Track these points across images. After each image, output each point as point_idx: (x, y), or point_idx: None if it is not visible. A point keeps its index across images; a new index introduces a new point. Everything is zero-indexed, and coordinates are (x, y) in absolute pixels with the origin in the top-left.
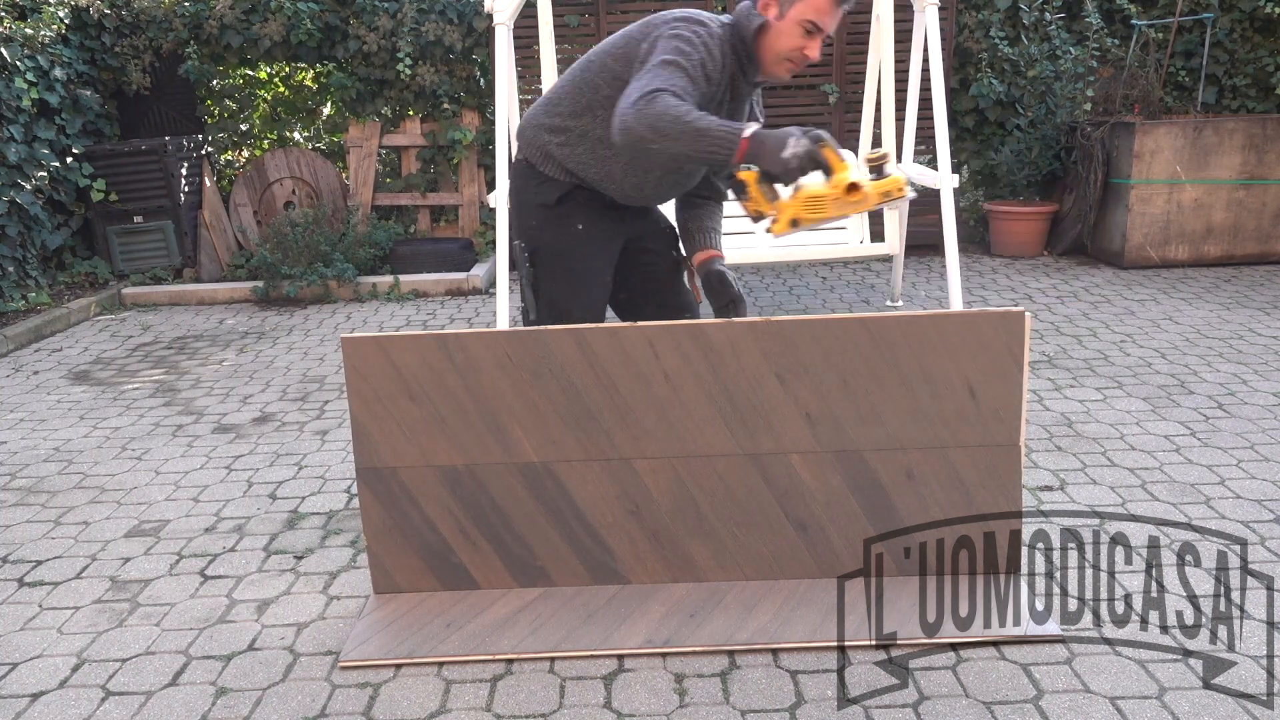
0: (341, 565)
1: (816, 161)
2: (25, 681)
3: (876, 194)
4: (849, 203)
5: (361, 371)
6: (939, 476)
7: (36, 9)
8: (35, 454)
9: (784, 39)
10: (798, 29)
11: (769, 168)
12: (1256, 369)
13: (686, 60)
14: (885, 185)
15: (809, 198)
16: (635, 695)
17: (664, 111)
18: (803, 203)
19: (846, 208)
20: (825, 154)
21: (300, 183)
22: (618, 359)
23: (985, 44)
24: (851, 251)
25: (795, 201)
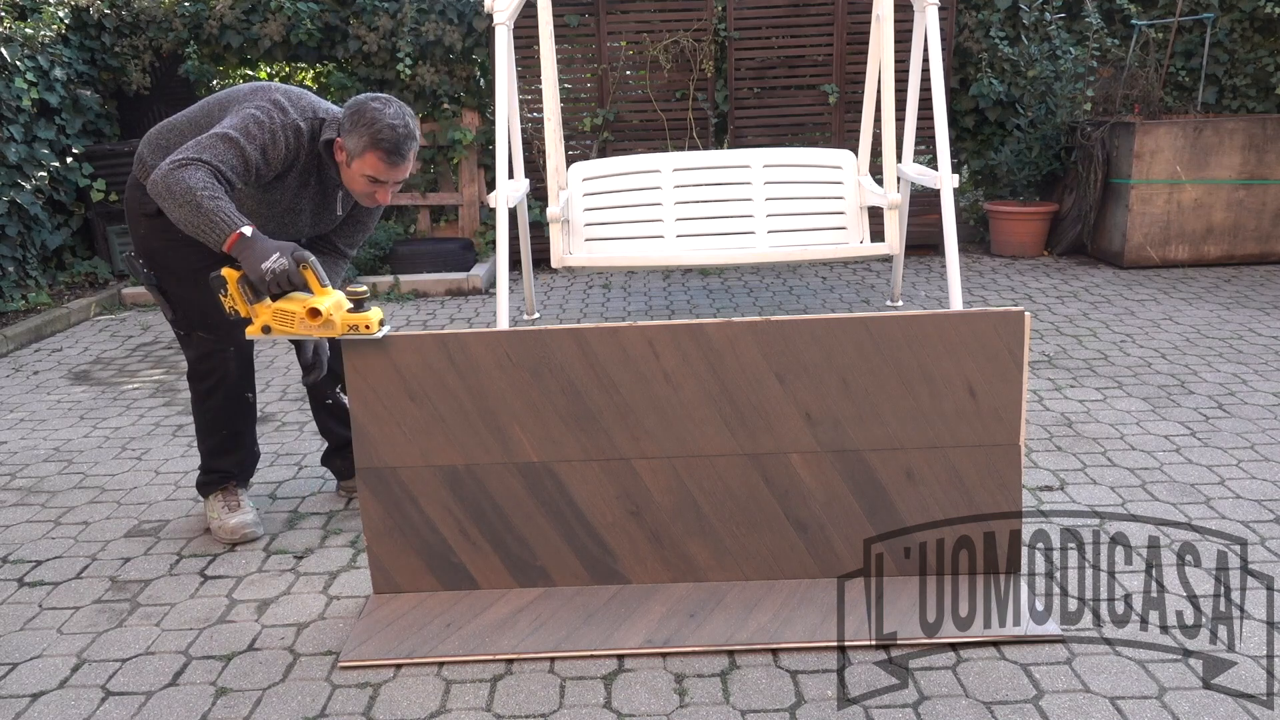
0: (341, 565)
1: (293, 281)
2: (25, 681)
3: (343, 324)
4: (313, 325)
5: (361, 371)
6: (939, 476)
7: (36, 9)
8: (35, 454)
9: (354, 183)
10: (362, 179)
11: (248, 272)
12: (1256, 369)
13: (248, 141)
14: (355, 319)
15: (280, 310)
16: (635, 695)
17: (185, 179)
18: (274, 313)
19: (312, 330)
20: (305, 275)
21: None
22: (618, 359)
23: (985, 44)
24: (851, 251)
25: (269, 310)
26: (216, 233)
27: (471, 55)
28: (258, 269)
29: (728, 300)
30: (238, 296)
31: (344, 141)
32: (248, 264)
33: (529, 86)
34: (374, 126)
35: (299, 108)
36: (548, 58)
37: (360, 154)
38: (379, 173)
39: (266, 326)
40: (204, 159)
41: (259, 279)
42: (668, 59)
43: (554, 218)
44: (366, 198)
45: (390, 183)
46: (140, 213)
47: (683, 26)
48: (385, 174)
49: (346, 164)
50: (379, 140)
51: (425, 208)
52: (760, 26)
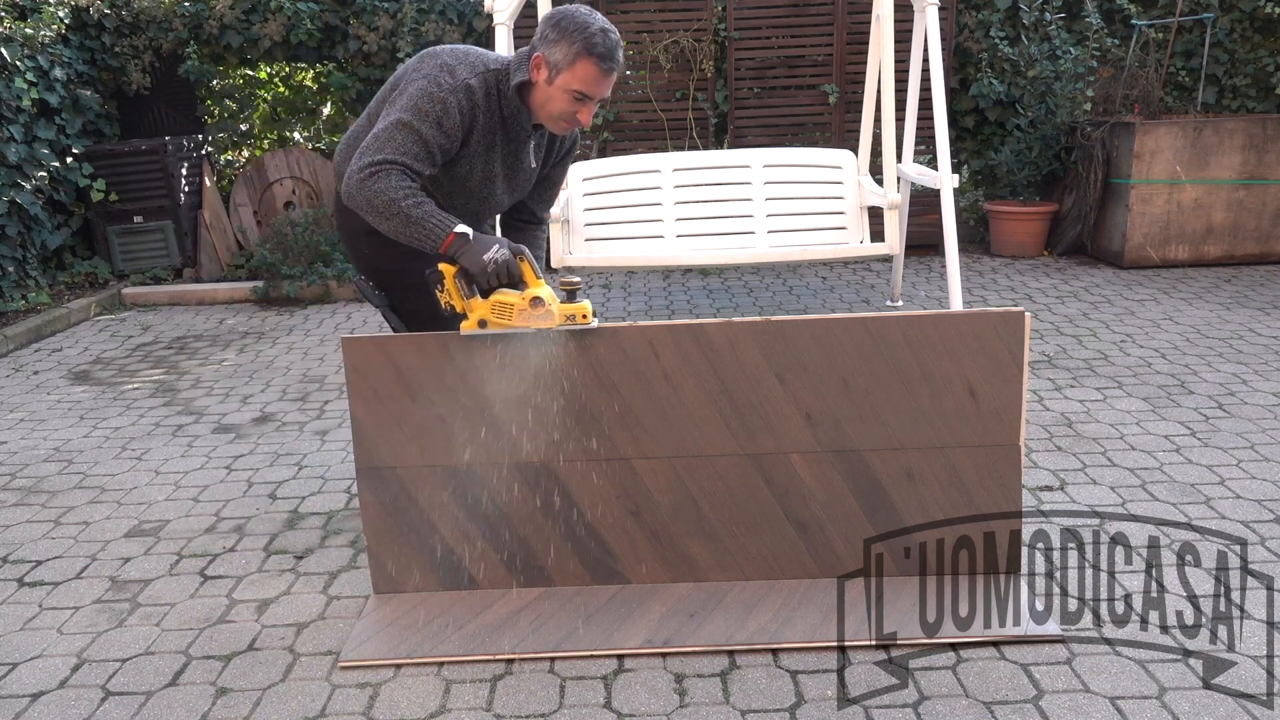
0: (341, 565)
1: (512, 273)
2: (25, 681)
3: (561, 315)
4: (533, 315)
5: (361, 371)
6: (939, 476)
7: (36, 9)
8: (35, 454)
9: (554, 104)
10: (566, 96)
11: (468, 266)
12: (1256, 369)
13: (421, 120)
14: (571, 309)
15: (498, 303)
16: (635, 695)
17: (382, 190)
18: (492, 306)
19: (531, 320)
20: (522, 267)
21: (300, 183)
22: (618, 359)
23: (985, 44)
24: (851, 251)
25: (486, 304)
26: (431, 238)
27: None
28: (479, 261)
29: (728, 300)
30: (454, 292)
31: (546, 54)
32: (468, 258)
33: None
34: (586, 32)
35: (467, 65)
36: None
37: (569, 64)
38: (588, 85)
39: (483, 320)
40: (388, 159)
41: (480, 270)
42: (668, 59)
43: (554, 218)
44: (565, 120)
45: (594, 100)
46: (361, 231)
47: (683, 26)
48: (595, 86)
49: (547, 82)
50: (592, 46)
51: None
52: (760, 26)
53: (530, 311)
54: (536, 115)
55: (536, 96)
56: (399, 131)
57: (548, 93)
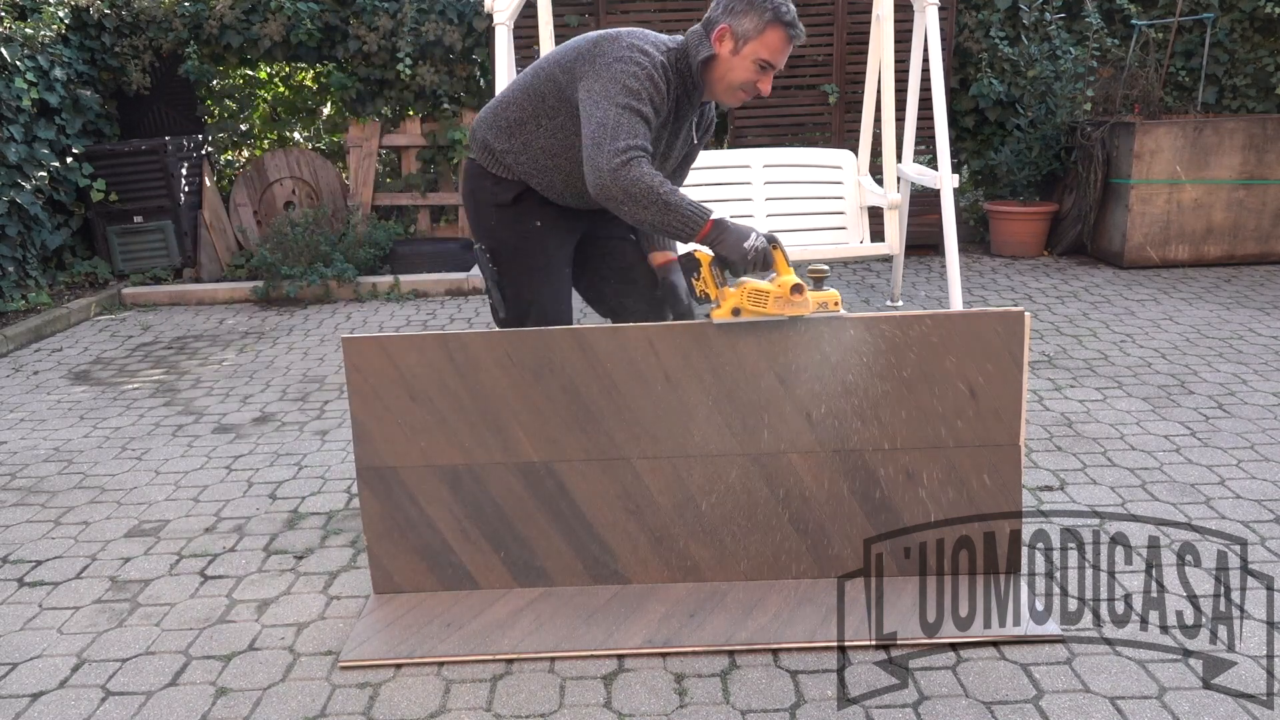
0: (341, 565)
1: (767, 261)
2: (25, 681)
3: (814, 302)
4: (789, 303)
5: (362, 371)
6: (939, 476)
7: (36, 9)
8: (35, 454)
9: (737, 72)
10: (752, 65)
11: (727, 254)
12: (1256, 369)
13: (640, 102)
14: (823, 296)
15: (754, 290)
16: (635, 695)
17: (638, 178)
18: (748, 294)
19: (785, 307)
20: (776, 255)
21: (300, 183)
22: (618, 359)
23: (985, 44)
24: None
25: (740, 291)
26: (689, 225)
27: (471, 55)
28: (740, 249)
29: None
30: (709, 280)
31: (733, 25)
32: (727, 246)
33: None
34: (772, 1)
35: (652, 44)
36: None
37: (758, 33)
38: (775, 53)
39: (737, 309)
40: (632, 146)
41: (740, 258)
42: None
43: None
44: (744, 90)
45: (774, 70)
46: (491, 203)
47: (683, 27)
48: (781, 54)
49: (732, 52)
50: (781, 14)
51: (425, 208)
52: None
53: (789, 299)
54: (713, 88)
55: (718, 69)
56: (625, 116)
57: (731, 63)
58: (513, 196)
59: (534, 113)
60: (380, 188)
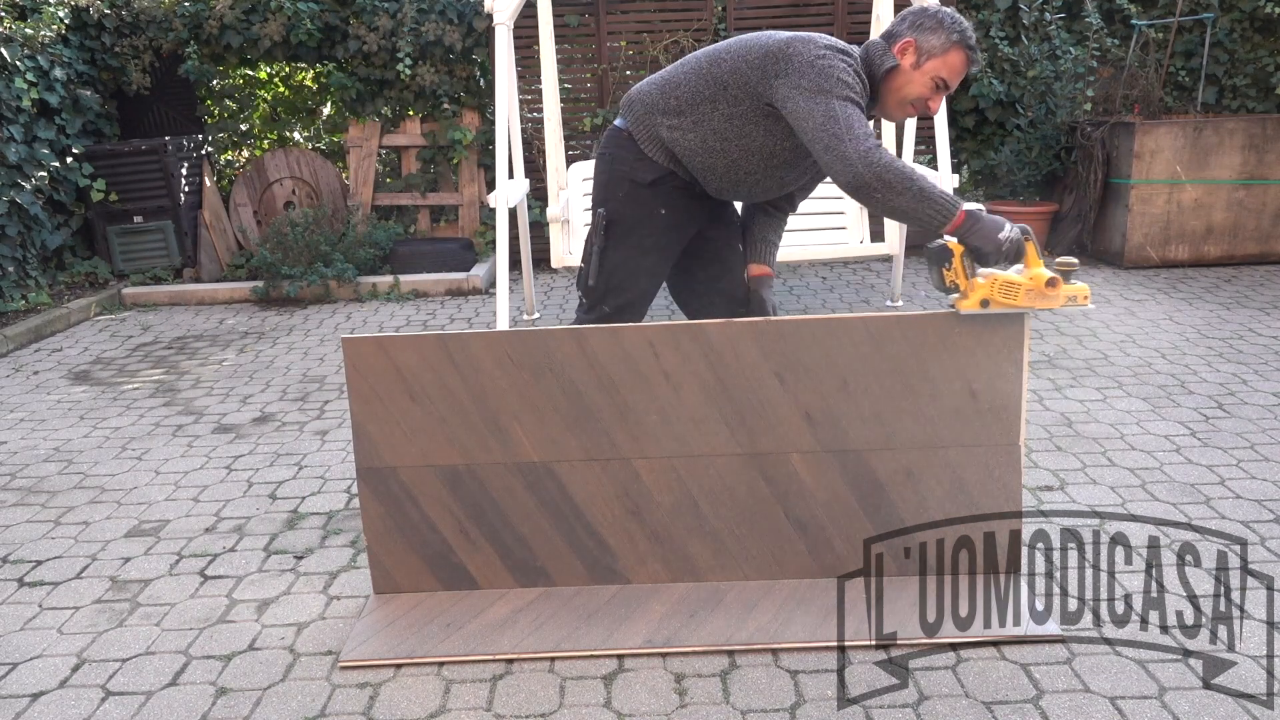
0: (341, 565)
1: (1020, 253)
2: (25, 681)
3: (1065, 296)
4: (1042, 295)
5: (361, 371)
6: (939, 476)
7: (36, 9)
8: (35, 454)
9: (913, 87)
10: (929, 82)
11: (981, 245)
12: (1256, 369)
13: (857, 96)
14: (1074, 290)
15: (1005, 283)
16: (635, 695)
17: (891, 165)
18: (999, 286)
19: (1036, 300)
20: (1028, 247)
21: (300, 183)
22: (618, 359)
23: (985, 44)
24: (851, 251)
25: (990, 283)
26: (942, 214)
27: (471, 55)
28: (995, 239)
29: None
30: (961, 270)
31: (918, 40)
32: (980, 236)
33: (529, 86)
34: (961, 25)
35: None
36: (548, 58)
37: (943, 52)
38: (954, 73)
39: (985, 300)
40: (871, 136)
41: (995, 249)
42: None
43: (554, 218)
44: (915, 105)
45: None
46: (627, 176)
47: (683, 26)
48: (958, 75)
49: (914, 66)
50: (967, 38)
51: (425, 208)
52: (760, 26)
53: (1042, 291)
54: (885, 100)
55: (897, 79)
56: (852, 109)
57: (910, 76)
58: (651, 178)
59: (712, 96)
60: (380, 188)
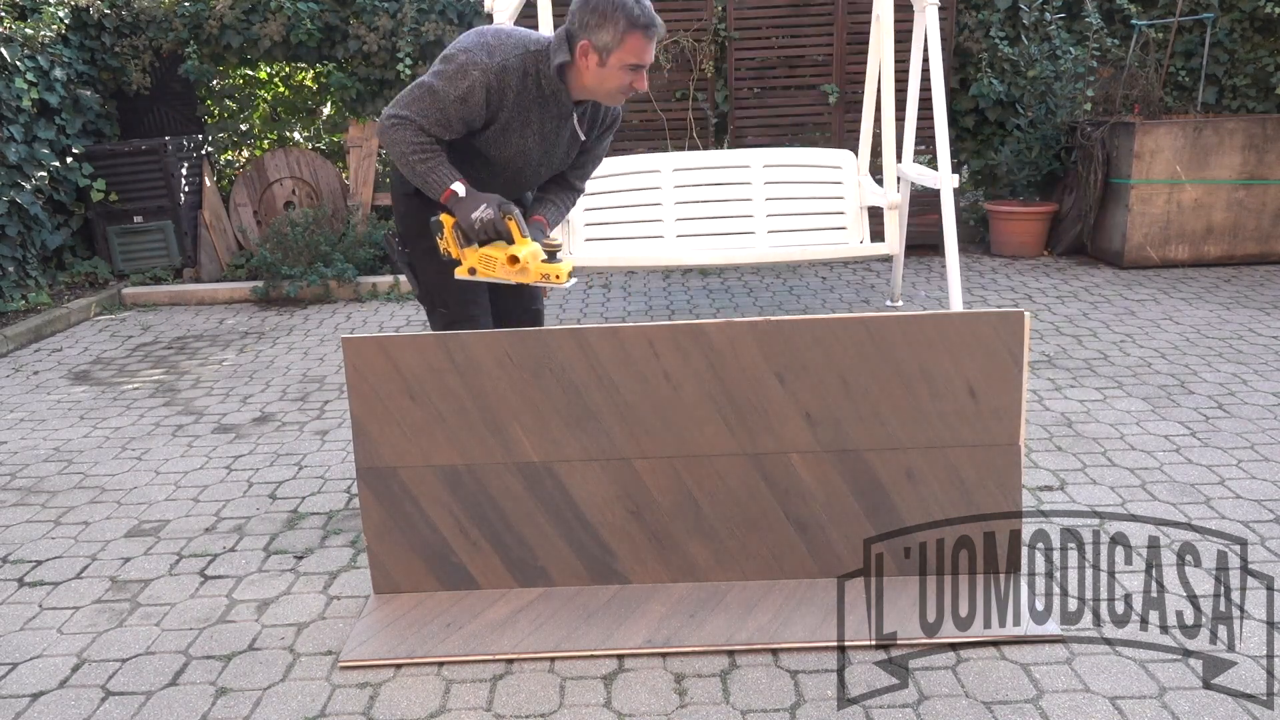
0: (341, 565)
1: (498, 230)
2: (25, 681)
3: (536, 273)
4: (511, 270)
5: (361, 371)
6: (939, 476)
7: (36, 9)
8: (35, 454)
9: (611, 81)
10: (622, 71)
11: (459, 220)
12: (1256, 369)
13: (448, 89)
14: (546, 269)
15: (485, 255)
16: (635, 695)
17: (397, 141)
18: (480, 257)
19: (509, 274)
20: (509, 226)
21: (300, 183)
22: (618, 359)
23: (985, 44)
24: (851, 251)
25: (475, 254)
26: (431, 192)
27: None
28: (468, 218)
29: (728, 300)
30: (451, 240)
31: (593, 40)
32: (459, 214)
33: None
34: (624, 8)
35: (509, 45)
36: None
37: (619, 43)
38: (640, 54)
39: (472, 269)
40: (406, 116)
41: (468, 227)
42: (668, 59)
43: None
44: (622, 94)
45: (646, 66)
46: (401, 192)
47: (683, 26)
48: (646, 54)
49: (600, 65)
50: (635, 19)
51: None
52: (760, 26)
53: (509, 267)
54: (593, 95)
55: (588, 80)
56: (425, 95)
57: (602, 74)
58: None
59: None
60: (380, 188)
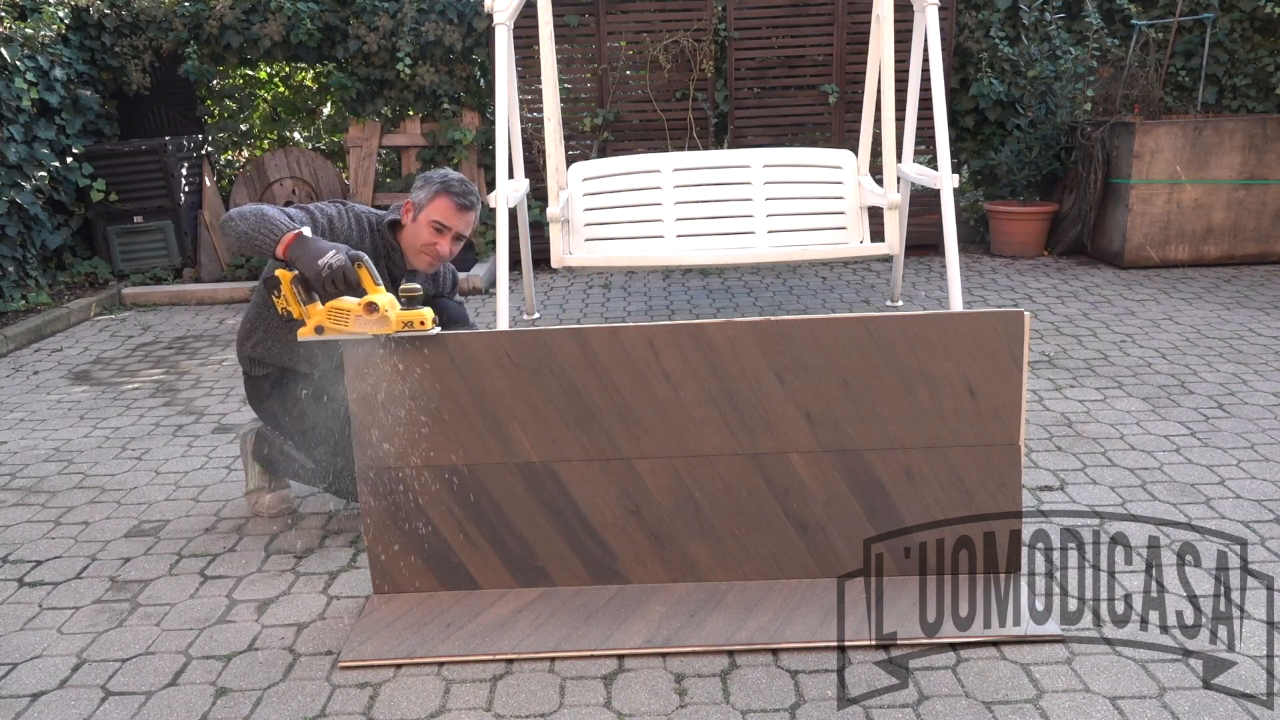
0: (341, 565)
1: (349, 279)
2: (25, 681)
3: (399, 321)
4: (368, 321)
5: (362, 371)
6: (939, 476)
7: (36, 9)
8: (35, 454)
9: (420, 236)
10: (428, 228)
11: (303, 270)
12: (1256, 369)
13: (318, 212)
14: (409, 315)
15: (334, 308)
16: (635, 695)
17: (253, 209)
18: (328, 312)
19: (367, 326)
20: (360, 273)
21: (300, 183)
22: (618, 359)
23: (985, 44)
24: (851, 251)
25: (324, 310)
26: (273, 236)
27: (471, 55)
28: (314, 265)
29: (728, 300)
30: (290, 297)
31: (414, 198)
32: (304, 262)
33: (529, 86)
34: (444, 178)
35: (352, 212)
36: (548, 58)
37: (429, 201)
38: (446, 215)
39: (320, 327)
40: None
41: (315, 275)
42: (668, 59)
43: (554, 218)
44: (427, 253)
45: (453, 232)
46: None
47: (683, 26)
48: (451, 217)
49: (413, 219)
50: (448, 185)
51: None
52: (760, 26)
53: (365, 317)
54: (407, 252)
55: (405, 235)
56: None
57: (414, 229)
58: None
59: None
60: (380, 188)
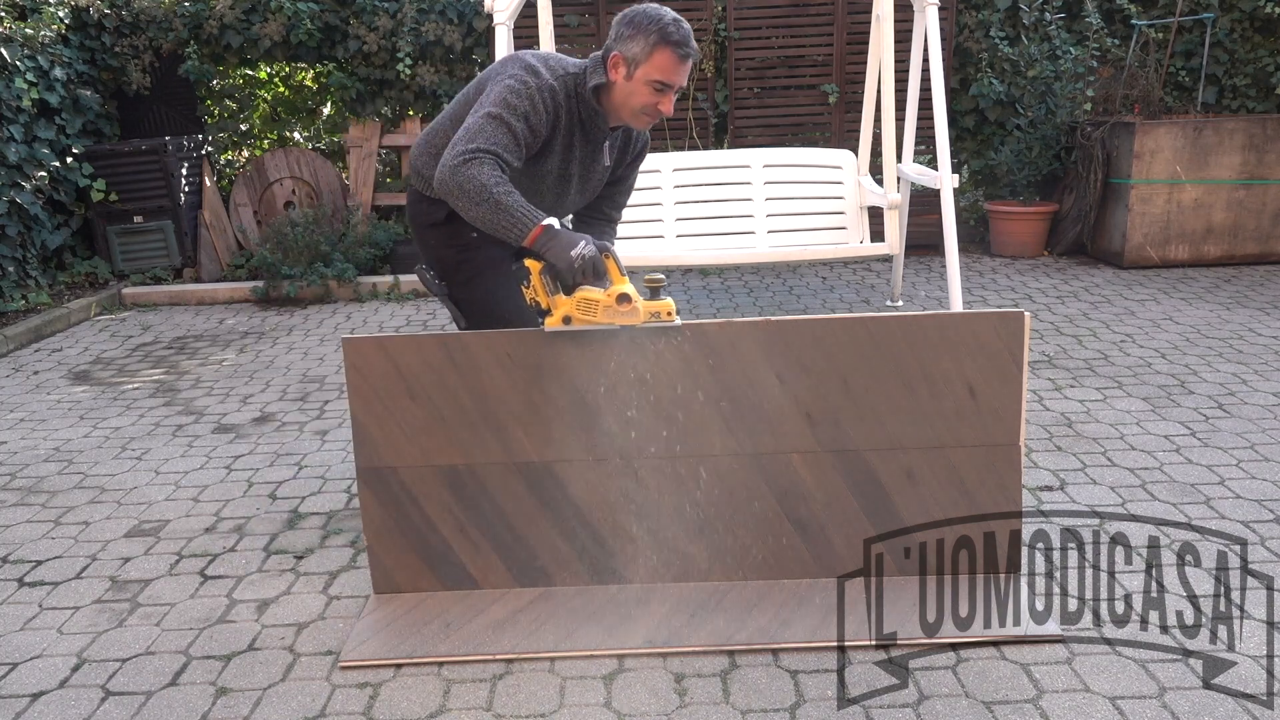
0: (341, 565)
1: (598, 269)
2: (25, 681)
3: (645, 311)
4: (618, 312)
5: (362, 371)
6: (939, 476)
7: (36, 9)
8: (35, 454)
9: (636, 97)
10: (647, 88)
11: (554, 261)
12: (1256, 369)
13: (511, 114)
14: (655, 306)
15: (583, 299)
16: (635, 695)
17: (474, 176)
18: (577, 302)
19: (616, 317)
20: (608, 264)
21: (300, 183)
22: (617, 359)
23: (985, 44)
24: (851, 251)
25: (571, 300)
26: (518, 228)
27: (471, 55)
28: (566, 257)
29: (728, 300)
30: (539, 288)
31: (623, 52)
32: (554, 254)
33: None
34: (660, 23)
35: (550, 68)
36: None
37: (647, 57)
38: (668, 73)
39: (568, 317)
40: (482, 148)
41: (567, 267)
42: None
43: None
44: (647, 113)
45: (674, 89)
46: (427, 224)
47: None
48: (674, 74)
49: (626, 78)
50: (667, 35)
51: None
52: (760, 26)
53: (616, 308)
54: (617, 114)
55: (616, 95)
56: (490, 123)
57: (628, 89)
58: (445, 214)
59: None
60: (380, 188)
